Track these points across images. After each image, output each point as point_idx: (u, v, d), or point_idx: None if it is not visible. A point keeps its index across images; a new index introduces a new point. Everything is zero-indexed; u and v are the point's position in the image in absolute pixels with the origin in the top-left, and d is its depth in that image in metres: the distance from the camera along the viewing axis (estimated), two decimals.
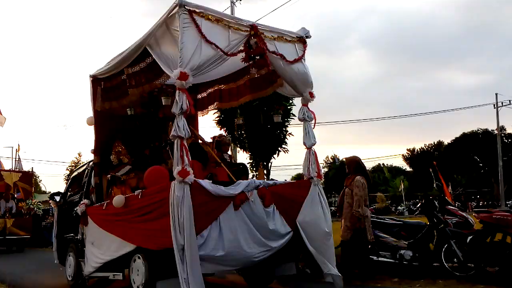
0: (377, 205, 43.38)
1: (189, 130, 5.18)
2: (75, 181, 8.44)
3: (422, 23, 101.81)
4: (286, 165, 63.95)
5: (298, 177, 11.20)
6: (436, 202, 8.04)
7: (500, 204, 37.12)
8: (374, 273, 7.46)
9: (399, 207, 42.66)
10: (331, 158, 65.84)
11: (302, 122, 6.67)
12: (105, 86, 7.12)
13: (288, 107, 11.00)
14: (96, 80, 7.20)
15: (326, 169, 65.16)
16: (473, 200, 45.00)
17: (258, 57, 5.84)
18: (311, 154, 6.48)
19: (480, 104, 66.31)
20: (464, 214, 8.74)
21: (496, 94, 40.80)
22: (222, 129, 11.24)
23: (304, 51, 6.47)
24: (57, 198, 8.85)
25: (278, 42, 6.16)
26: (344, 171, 8.06)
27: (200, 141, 7.51)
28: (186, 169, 4.99)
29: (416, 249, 7.67)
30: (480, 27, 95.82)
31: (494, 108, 40.66)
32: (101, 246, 6.57)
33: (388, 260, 7.74)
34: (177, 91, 5.23)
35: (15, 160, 42.69)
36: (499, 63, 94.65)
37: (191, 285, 4.82)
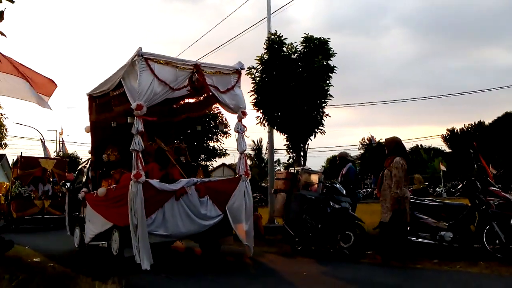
0: (414, 186, 42.69)
1: (143, 145, 7.32)
2: (81, 173, 10.61)
3: (460, 0, 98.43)
4: (322, 147, 63.65)
5: (334, 158, 11.11)
6: (478, 183, 7.88)
7: None
8: (413, 255, 7.42)
9: (437, 189, 41.86)
10: (367, 139, 64.94)
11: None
12: (99, 102, 9.25)
13: (326, 88, 10.94)
14: (91, 97, 9.33)
15: (362, 151, 64.47)
16: None
17: (199, 88, 7.90)
18: (241, 158, 8.51)
19: None
20: (507, 195, 8.52)
21: None
22: (259, 111, 11.28)
23: (238, 80, 8.40)
24: (68, 185, 11.38)
25: (216, 76, 8.10)
26: (380, 152, 8.00)
27: (167, 147, 9.30)
28: (139, 173, 7.19)
29: (457, 231, 7.58)
30: None
31: None
32: (94, 223, 8.82)
33: (428, 241, 7.68)
34: (135, 118, 7.28)
35: (59, 143, 44.26)
36: None
37: (140, 251, 7.03)
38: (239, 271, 7.36)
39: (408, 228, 7.59)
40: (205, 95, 8.72)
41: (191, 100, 9.65)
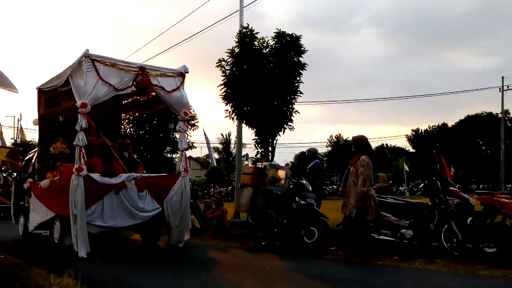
0: (378, 184, 43.46)
1: (86, 141, 7.79)
2: (27, 163, 10.83)
3: (433, 3, 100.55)
4: (291, 143, 64.11)
5: (302, 155, 11.23)
6: (438, 183, 8.11)
7: (500, 187, 37.19)
8: (375, 251, 7.59)
9: (400, 187, 42.77)
10: (335, 137, 65.74)
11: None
12: (48, 96, 9.55)
13: (296, 84, 11.01)
14: (41, 91, 9.62)
15: (329, 148, 65.21)
16: (473, 182, 45.06)
17: (143, 88, 8.38)
18: (182, 155, 9.05)
19: (485, 87, 65.96)
20: (465, 195, 8.81)
21: (503, 77, 40.48)
22: (228, 104, 11.25)
23: (182, 82, 8.82)
24: (15, 175, 11.91)
25: (161, 77, 8.54)
26: (347, 150, 8.13)
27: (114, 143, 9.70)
28: (81, 167, 7.59)
29: (417, 229, 7.78)
30: (492, 9, 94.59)
31: (500, 91, 40.41)
32: (38, 212, 9.10)
33: (389, 238, 7.86)
34: (79, 115, 7.69)
35: (17, 129, 42.89)
36: (508, 46, 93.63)
37: (78, 239, 7.44)
38: (183, 261, 7.72)
39: (371, 225, 7.75)
40: (153, 94, 9.11)
41: (141, 98, 10.05)
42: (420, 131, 64.35)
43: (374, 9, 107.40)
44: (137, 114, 13.29)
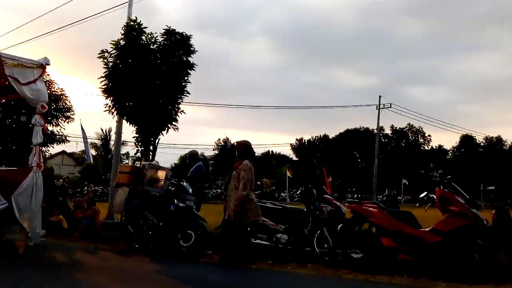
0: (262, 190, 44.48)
1: None
2: None
3: (322, 20, 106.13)
4: (177, 143, 63.41)
5: (184, 158, 11.01)
6: (314, 191, 8.37)
7: (372, 198, 40.08)
8: (250, 255, 7.61)
9: (282, 194, 44.19)
10: (222, 140, 66.29)
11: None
12: None
13: (183, 84, 10.78)
14: None
15: (216, 151, 65.59)
16: (349, 192, 48.09)
17: None
18: (36, 150, 8.52)
19: (364, 104, 70.97)
20: (338, 203, 9.25)
21: (380, 96, 43.83)
22: (108, 98, 10.68)
23: (41, 74, 8.50)
24: None
25: (16, 68, 8.13)
26: (233, 154, 8.10)
27: None
28: None
29: (292, 234, 7.94)
30: (373, 32, 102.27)
31: (377, 109, 43.60)
32: None
33: (265, 242, 7.93)
34: None
35: None
36: (385, 68, 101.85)
37: None
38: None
39: (249, 229, 7.76)
40: (6, 83, 8.58)
41: None
42: (303, 140, 67.40)
43: (269, 19, 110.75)
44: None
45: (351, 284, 6.14)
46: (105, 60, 10.63)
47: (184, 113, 11.10)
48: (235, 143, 8.85)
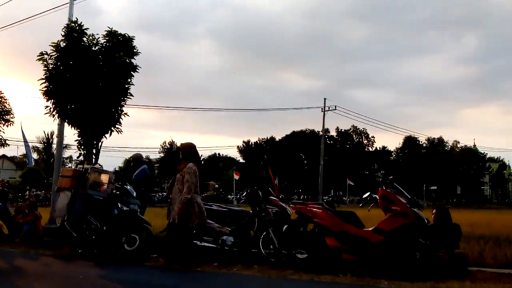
0: (209, 192, 44.37)
1: None
2: None
3: (269, 23, 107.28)
4: (122, 146, 62.13)
5: (129, 161, 10.81)
6: (260, 192, 8.46)
7: (318, 199, 40.83)
8: (196, 258, 7.59)
9: (229, 196, 44.21)
10: (168, 143, 65.55)
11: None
12: None
13: (126, 86, 10.60)
14: None
15: (162, 154, 64.74)
16: (295, 193, 48.77)
17: None
18: None
19: (310, 107, 72.49)
20: (283, 204, 9.38)
21: (325, 99, 44.72)
22: (49, 101, 10.34)
23: None
24: None
25: None
26: (179, 156, 8.07)
27: None
28: None
29: (238, 236, 7.99)
30: (320, 35, 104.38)
31: (322, 111, 44.46)
32: None
33: (211, 245, 7.93)
34: None
35: None
36: (331, 71, 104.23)
37: None
38: None
39: (194, 232, 7.74)
40: None
41: None
42: (250, 143, 67.72)
43: (214, 22, 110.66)
44: None
45: (296, 284, 6.24)
46: (45, 63, 10.29)
47: (128, 115, 10.94)
48: (180, 146, 8.81)
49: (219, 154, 70.97)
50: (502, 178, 77.67)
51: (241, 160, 68.35)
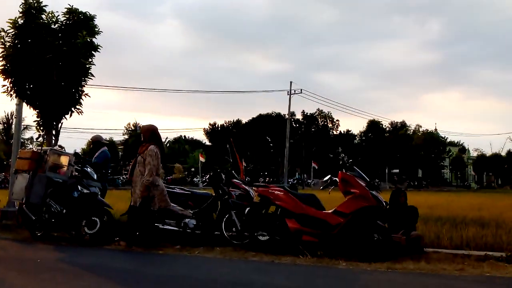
0: (174, 175, 44.17)
1: None
2: None
3: (236, 5, 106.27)
4: (85, 128, 60.96)
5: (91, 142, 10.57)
6: (223, 175, 8.48)
7: (282, 181, 41.24)
8: (157, 241, 7.58)
9: (195, 179, 44.10)
10: (132, 125, 64.63)
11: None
12: None
13: (87, 66, 10.35)
14: None
15: (126, 136, 63.79)
16: (261, 176, 49.09)
17: None
18: None
19: (276, 90, 72.62)
20: (246, 187, 9.43)
21: (291, 82, 45.02)
22: (7, 80, 10.00)
23: None
24: None
25: None
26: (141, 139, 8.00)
27: None
28: None
29: (200, 218, 8.02)
30: (286, 18, 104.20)
31: (288, 94, 44.70)
32: None
33: (173, 228, 7.94)
34: None
35: None
36: (296, 54, 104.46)
37: None
38: None
39: (156, 215, 7.71)
40: None
41: None
42: (216, 125, 67.51)
43: (180, 2, 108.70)
44: None
45: (257, 265, 6.32)
46: (2, 40, 9.91)
47: (89, 96, 10.65)
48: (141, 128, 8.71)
49: (185, 136, 70.53)
50: (461, 162, 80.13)
51: (208, 143, 68.16)
